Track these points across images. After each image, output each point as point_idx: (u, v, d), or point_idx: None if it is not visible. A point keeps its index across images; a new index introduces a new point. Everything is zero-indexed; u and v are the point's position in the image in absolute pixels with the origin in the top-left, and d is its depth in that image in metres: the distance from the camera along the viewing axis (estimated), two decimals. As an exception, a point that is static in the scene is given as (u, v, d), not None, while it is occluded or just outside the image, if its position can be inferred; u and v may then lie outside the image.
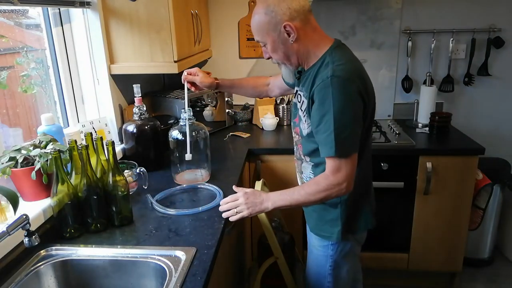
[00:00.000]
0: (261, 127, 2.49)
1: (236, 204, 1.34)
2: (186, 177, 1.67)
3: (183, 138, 1.60)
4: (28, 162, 1.24)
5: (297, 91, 1.39)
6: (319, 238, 1.41)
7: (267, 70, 2.58)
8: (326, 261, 1.42)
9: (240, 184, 1.84)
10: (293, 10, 1.19)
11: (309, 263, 1.51)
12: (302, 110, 1.31)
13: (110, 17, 1.76)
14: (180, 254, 1.14)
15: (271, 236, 1.70)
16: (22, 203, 1.25)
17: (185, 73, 1.61)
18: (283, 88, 1.64)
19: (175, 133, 1.62)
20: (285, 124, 2.55)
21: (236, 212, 1.33)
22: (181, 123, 1.61)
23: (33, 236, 1.06)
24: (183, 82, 1.60)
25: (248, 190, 1.37)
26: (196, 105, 2.70)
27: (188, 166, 1.68)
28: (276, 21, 1.20)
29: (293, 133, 1.45)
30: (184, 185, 1.62)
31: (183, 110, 1.59)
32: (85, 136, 1.29)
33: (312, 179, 1.31)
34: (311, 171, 1.38)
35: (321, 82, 1.18)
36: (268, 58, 1.33)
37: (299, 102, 1.34)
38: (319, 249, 1.43)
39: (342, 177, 1.21)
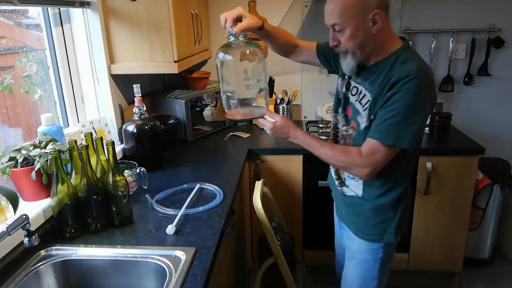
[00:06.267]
0: (261, 127, 2.48)
1: (269, 121, 1.37)
2: (241, 112, 1.43)
3: (232, 58, 1.30)
4: (28, 162, 1.24)
5: (349, 83, 1.33)
6: (366, 242, 1.36)
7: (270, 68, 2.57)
8: (374, 265, 1.37)
9: (239, 185, 1.84)
10: None
11: (349, 271, 1.44)
12: (361, 104, 1.27)
13: (110, 17, 1.76)
14: (180, 254, 1.14)
15: (271, 236, 1.70)
16: (22, 203, 1.25)
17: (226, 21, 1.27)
18: (311, 56, 1.51)
19: (221, 55, 1.28)
20: (285, 124, 2.54)
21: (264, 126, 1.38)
22: (230, 39, 1.28)
23: (33, 236, 1.06)
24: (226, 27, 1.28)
25: (284, 119, 1.37)
26: (196, 105, 2.70)
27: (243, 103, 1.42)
28: (367, 6, 1.14)
29: (340, 125, 1.39)
30: (238, 117, 1.44)
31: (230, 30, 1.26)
32: (85, 136, 1.29)
33: (346, 147, 1.28)
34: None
35: (406, 75, 1.14)
36: (335, 46, 1.25)
37: (354, 95, 1.30)
38: (366, 253, 1.37)
39: (371, 162, 1.20)
